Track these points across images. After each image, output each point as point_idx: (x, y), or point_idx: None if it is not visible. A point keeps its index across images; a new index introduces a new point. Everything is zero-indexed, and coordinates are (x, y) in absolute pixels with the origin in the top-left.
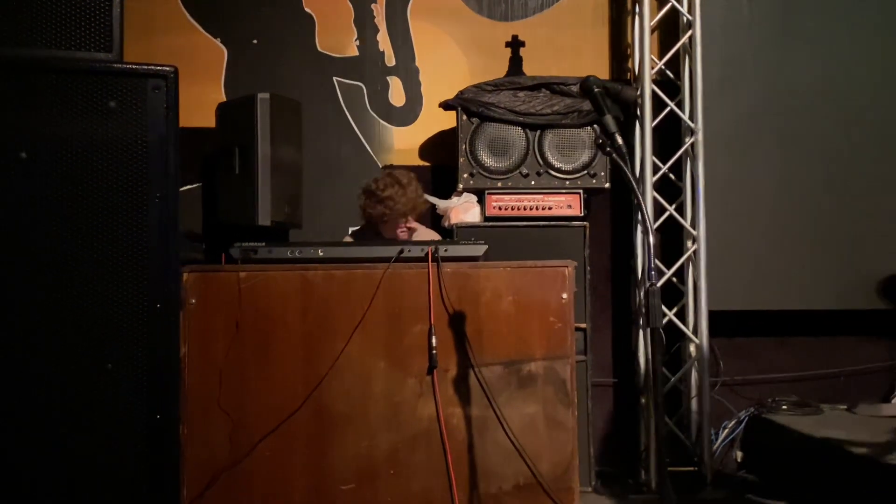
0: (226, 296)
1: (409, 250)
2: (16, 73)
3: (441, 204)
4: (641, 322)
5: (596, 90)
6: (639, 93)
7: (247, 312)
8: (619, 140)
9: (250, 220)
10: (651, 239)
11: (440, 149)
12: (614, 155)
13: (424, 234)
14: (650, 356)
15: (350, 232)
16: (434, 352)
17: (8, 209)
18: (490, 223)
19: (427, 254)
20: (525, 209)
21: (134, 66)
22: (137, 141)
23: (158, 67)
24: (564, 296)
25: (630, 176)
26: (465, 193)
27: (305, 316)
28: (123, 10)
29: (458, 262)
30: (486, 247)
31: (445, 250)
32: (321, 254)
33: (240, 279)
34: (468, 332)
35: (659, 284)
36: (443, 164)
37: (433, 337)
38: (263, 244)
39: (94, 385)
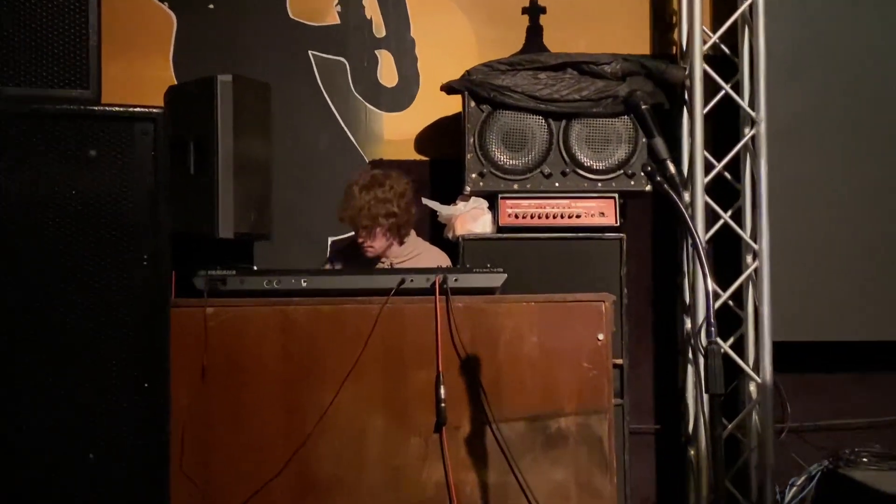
0: (188, 336)
1: (412, 280)
2: None
3: (444, 211)
4: (703, 385)
5: (644, 107)
6: (687, 73)
7: (215, 356)
8: (672, 168)
9: (208, 232)
10: (710, 285)
11: (442, 140)
12: (665, 186)
13: (428, 255)
14: (710, 425)
15: (331, 243)
16: (443, 405)
17: None
18: (504, 235)
19: (433, 284)
20: (547, 217)
21: (118, 109)
22: (122, 194)
23: (146, 109)
24: (601, 336)
25: (685, 216)
26: (473, 198)
27: (287, 360)
28: (101, 41)
29: (472, 296)
30: (504, 276)
31: (456, 280)
32: (305, 284)
33: (206, 316)
34: (484, 380)
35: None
36: (445, 159)
37: (441, 386)
38: (234, 272)
39: (76, 474)
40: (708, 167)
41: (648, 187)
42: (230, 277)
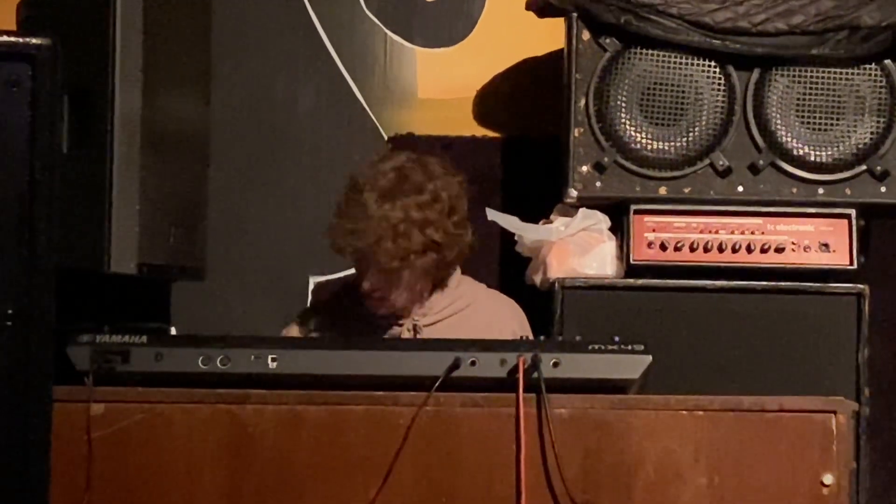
0: (60, 457)
1: (475, 361)
2: None
3: (528, 234)
4: None
5: None
6: None
7: (106, 491)
8: None
9: (91, 263)
10: None
11: (524, 102)
12: None
13: (489, 310)
14: None
15: (314, 288)
16: None
17: None
18: (640, 281)
19: (513, 371)
20: (721, 250)
21: None
22: None
23: (20, 40)
24: (828, 479)
25: None
26: (582, 211)
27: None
28: None
29: (586, 395)
30: (648, 359)
31: (556, 364)
32: (273, 366)
33: (90, 420)
34: None
35: None
36: (529, 137)
37: None
38: (143, 339)
39: None
40: None
41: None
42: (136, 349)
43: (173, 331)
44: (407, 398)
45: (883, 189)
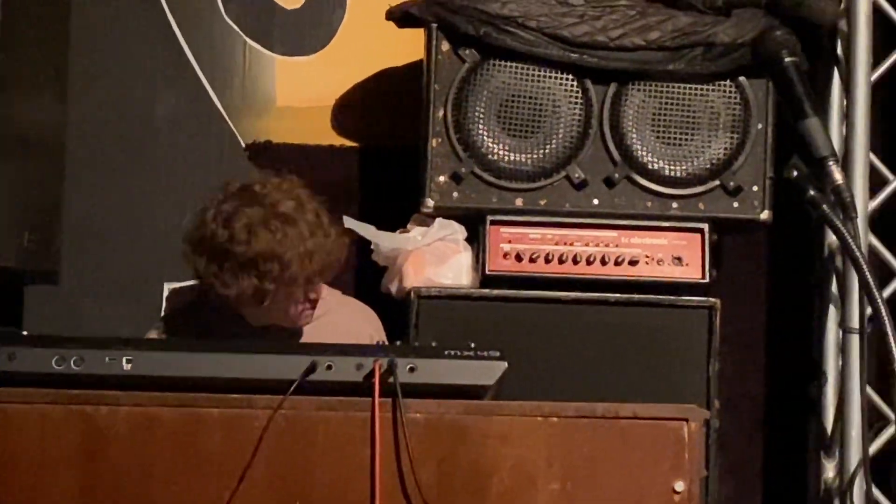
0: None
1: (331, 366)
2: None
3: (384, 242)
4: None
5: (789, 60)
6: (844, 7)
7: None
8: (839, 175)
9: None
10: None
11: (383, 112)
12: (824, 212)
13: (342, 316)
14: None
15: (168, 294)
16: None
17: None
18: (495, 291)
19: (369, 376)
20: (576, 262)
21: None
22: None
23: None
24: (679, 486)
25: (865, 273)
26: (439, 221)
27: None
28: None
29: (442, 401)
30: (503, 365)
31: (412, 370)
32: (128, 367)
33: None
34: None
35: None
36: (388, 147)
37: None
38: None
39: None
40: (879, 182)
41: (765, 214)
42: None
43: (24, 332)
44: (262, 401)
45: (735, 204)
